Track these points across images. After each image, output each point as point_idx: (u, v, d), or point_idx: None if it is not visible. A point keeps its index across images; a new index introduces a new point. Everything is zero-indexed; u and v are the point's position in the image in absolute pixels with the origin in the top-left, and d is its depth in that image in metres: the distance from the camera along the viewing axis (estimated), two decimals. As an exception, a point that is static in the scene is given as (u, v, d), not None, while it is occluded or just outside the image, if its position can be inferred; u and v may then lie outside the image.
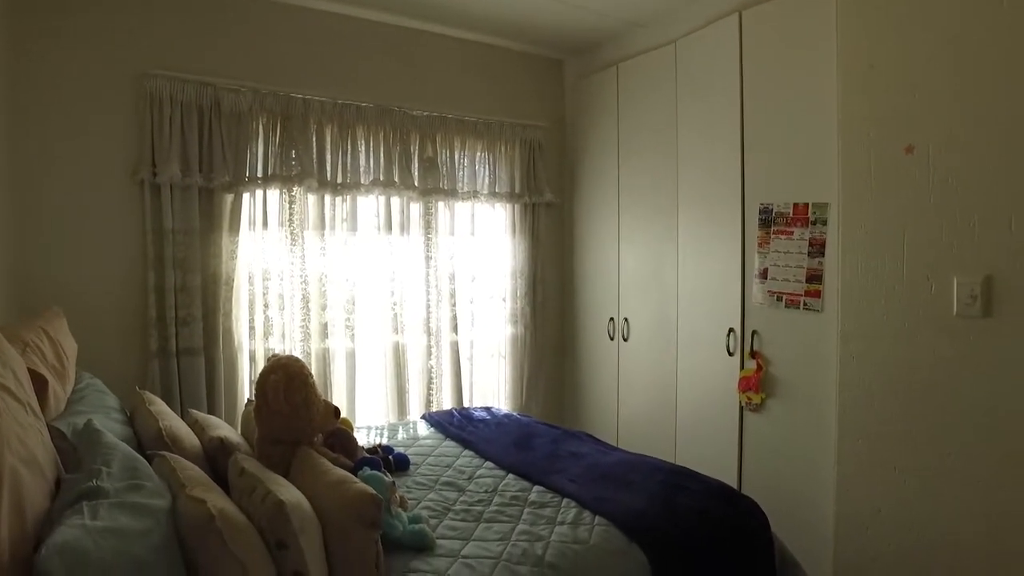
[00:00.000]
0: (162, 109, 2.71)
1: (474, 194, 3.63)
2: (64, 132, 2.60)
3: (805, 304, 2.50)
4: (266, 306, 2.99)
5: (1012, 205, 1.81)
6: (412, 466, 2.29)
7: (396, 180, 3.31)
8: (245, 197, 2.92)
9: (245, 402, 2.50)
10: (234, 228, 2.89)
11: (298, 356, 2.10)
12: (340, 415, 1.99)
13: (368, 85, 3.28)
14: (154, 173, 2.70)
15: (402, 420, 3.25)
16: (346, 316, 3.20)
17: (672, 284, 3.16)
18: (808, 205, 2.49)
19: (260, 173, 2.97)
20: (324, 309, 3.13)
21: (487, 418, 2.84)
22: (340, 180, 3.16)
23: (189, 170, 2.76)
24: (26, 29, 2.52)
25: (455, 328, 3.57)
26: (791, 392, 2.57)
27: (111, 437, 1.39)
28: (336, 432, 2.05)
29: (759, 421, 2.70)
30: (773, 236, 2.62)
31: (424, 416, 2.99)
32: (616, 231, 3.55)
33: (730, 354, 2.81)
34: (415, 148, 3.42)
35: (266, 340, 2.98)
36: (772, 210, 2.62)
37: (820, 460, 2.41)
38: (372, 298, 3.33)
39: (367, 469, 1.76)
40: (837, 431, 2.27)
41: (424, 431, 2.77)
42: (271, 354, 2.62)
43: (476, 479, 2.17)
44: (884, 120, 2.11)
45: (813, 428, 2.46)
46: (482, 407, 3.08)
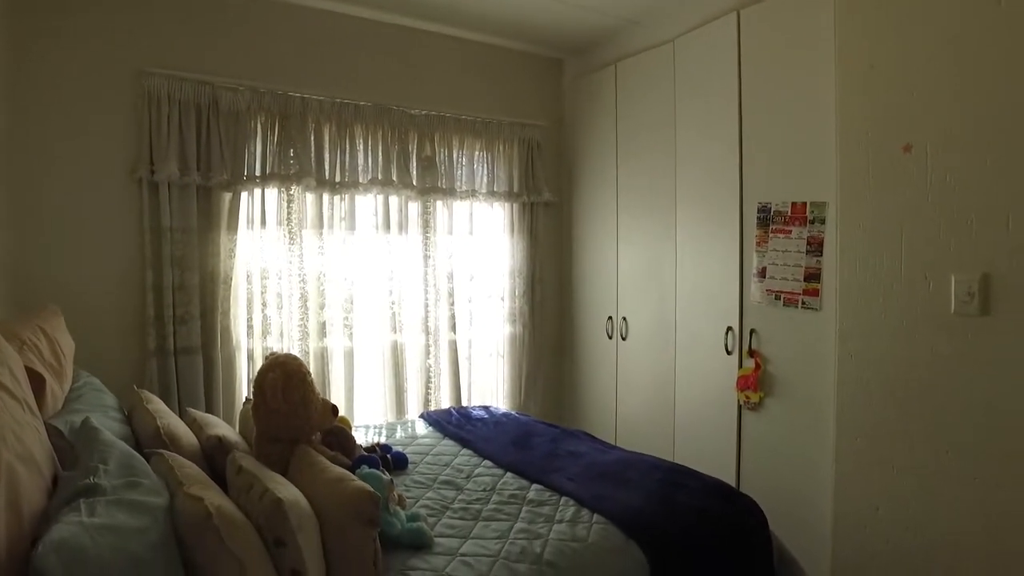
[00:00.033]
0: (160, 108, 2.71)
1: (472, 193, 3.63)
2: (62, 130, 2.60)
3: (803, 303, 2.50)
4: (264, 305, 2.98)
5: (1009, 204, 1.81)
6: (410, 465, 2.29)
7: (394, 179, 3.31)
8: (243, 196, 2.92)
9: (243, 401, 2.50)
10: (232, 227, 2.89)
11: (296, 355, 2.09)
12: (338, 413, 1.98)
13: (366, 84, 3.28)
14: (152, 171, 2.70)
15: (400, 419, 3.25)
16: (344, 315, 3.20)
17: (670, 283, 3.16)
18: (806, 204, 2.49)
19: (258, 172, 2.96)
20: (322, 308, 3.12)
21: (485, 417, 2.84)
22: (338, 179, 3.16)
23: (187, 169, 2.76)
24: (24, 28, 2.52)
25: (453, 327, 3.57)
26: (789, 391, 2.58)
27: (108, 435, 1.39)
28: (334, 430, 2.05)
29: (757, 420, 2.70)
30: (771, 235, 2.62)
31: (422, 415, 2.99)
32: (615, 230, 3.55)
33: (728, 353, 2.81)
34: (413, 147, 3.42)
35: (264, 339, 2.98)
36: (770, 209, 2.62)
37: (818, 458, 2.41)
38: (370, 297, 3.33)
39: (365, 467, 1.76)
40: (835, 429, 2.28)
41: (422, 430, 2.77)
42: (269, 353, 2.62)
43: (474, 478, 2.17)
44: (882, 119, 2.12)
45: (811, 426, 2.46)
46: (480, 406, 3.08)
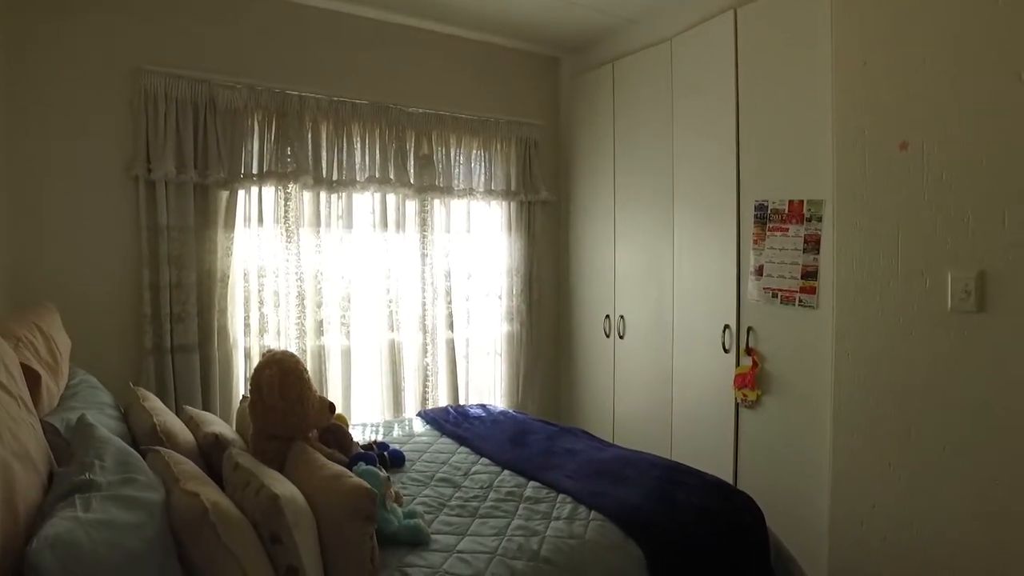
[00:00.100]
0: (157, 106, 2.70)
1: (470, 192, 3.63)
2: (58, 128, 2.59)
3: (800, 301, 2.50)
4: (261, 303, 2.98)
5: (1005, 201, 1.82)
6: (408, 462, 2.29)
7: (392, 177, 3.30)
8: (240, 194, 2.91)
9: (241, 399, 2.50)
10: (229, 225, 2.88)
11: (293, 352, 2.09)
12: (335, 411, 1.98)
13: (364, 82, 3.28)
14: (149, 169, 2.69)
15: (398, 417, 3.25)
16: (342, 313, 3.19)
17: (668, 281, 3.16)
18: (803, 202, 2.49)
19: (255, 170, 2.96)
20: (320, 306, 3.12)
21: (483, 415, 2.84)
22: (336, 177, 3.15)
23: (184, 166, 2.75)
24: (22, 25, 2.51)
25: (451, 325, 3.57)
26: (786, 388, 2.58)
27: (104, 431, 1.39)
28: (331, 427, 2.05)
29: (754, 417, 2.70)
30: (768, 233, 2.62)
31: (420, 413, 2.99)
32: (612, 228, 3.55)
33: (726, 351, 2.81)
34: (411, 145, 3.41)
35: (261, 337, 2.97)
36: (767, 207, 2.63)
37: (815, 456, 2.42)
38: (368, 295, 3.33)
39: (362, 464, 1.76)
40: (832, 427, 2.28)
41: (420, 428, 2.77)
42: (266, 350, 2.61)
43: (472, 475, 2.17)
44: (878, 117, 2.12)
45: (808, 424, 2.47)
46: (478, 404, 3.07)
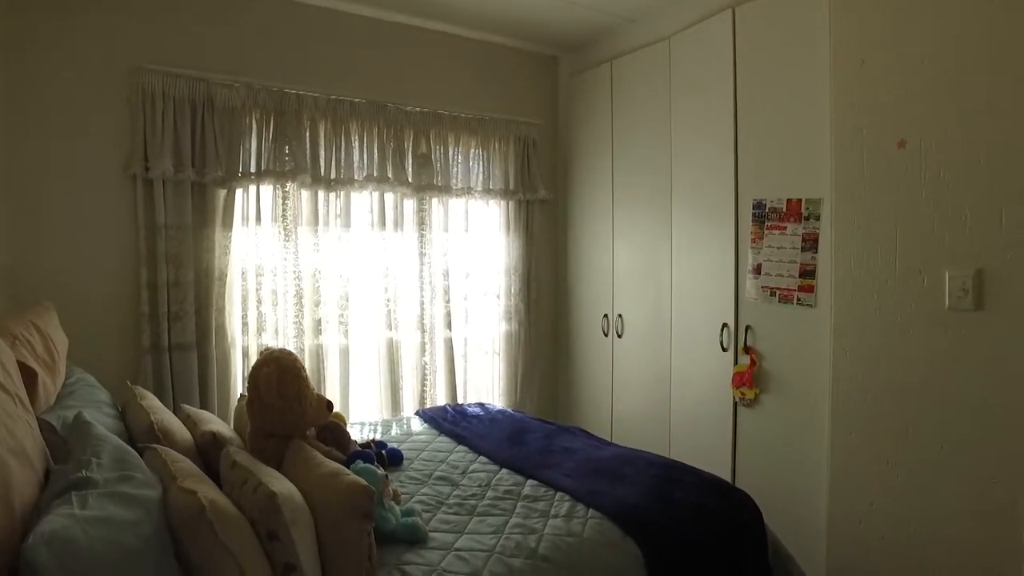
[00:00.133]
0: (155, 104, 2.70)
1: (468, 190, 3.63)
2: (56, 126, 2.59)
3: (798, 299, 2.50)
4: (259, 302, 2.98)
5: (1003, 199, 1.82)
6: (405, 461, 2.29)
7: (390, 176, 3.30)
8: (238, 192, 2.91)
9: (238, 397, 2.49)
10: (227, 223, 2.88)
11: (291, 350, 2.09)
12: (333, 409, 1.98)
13: (362, 81, 3.27)
14: (146, 168, 2.68)
15: (396, 416, 3.24)
16: (340, 312, 3.19)
17: (666, 280, 3.16)
18: (801, 201, 2.49)
19: (253, 168, 2.95)
20: (318, 305, 3.11)
21: (481, 414, 2.84)
22: (334, 176, 3.15)
23: (182, 165, 2.74)
24: (19, 24, 2.50)
25: (449, 325, 3.57)
26: (784, 387, 2.58)
27: (101, 429, 1.38)
28: (329, 425, 2.05)
29: (753, 416, 2.70)
30: (767, 231, 2.62)
31: (418, 412, 2.98)
32: (610, 227, 3.55)
33: (724, 349, 2.81)
34: (409, 144, 3.41)
35: (259, 336, 2.97)
36: (765, 206, 2.63)
37: (813, 454, 2.42)
38: (366, 294, 3.32)
39: (360, 462, 1.75)
40: (830, 425, 2.28)
41: (418, 427, 2.76)
42: (264, 349, 2.61)
43: (469, 474, 2.17)
44: (876, 115, 2.12)
45: (806, 422, 2.47)
46: (476, 403, 3.07)
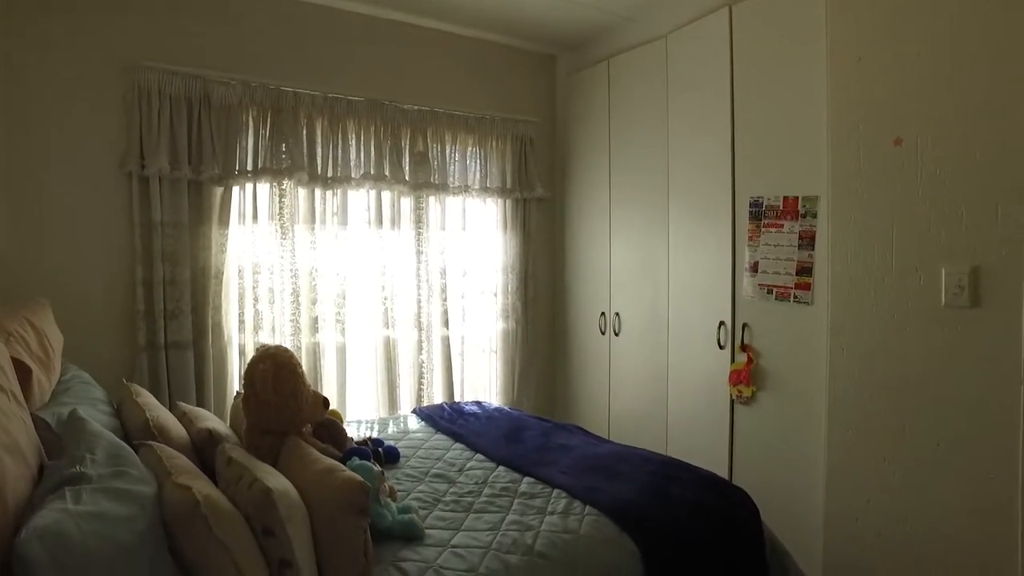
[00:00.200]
0: (151, 102, 2.69)
1: (465, 189, 3.62)
2: (52, 124, 2.58)
3: (795, 297, 2.51)
4: (256, 300, 2.97)
5: (999, 196, 1.82)
6: (402, 458, 2.28)
7: (387, 174, 3.29)
8: (235, 190, 2.90)
9: (235, 395, 2.48)
10: (223, 221, 2.87)
11: (287, 347, 2.09)
12: (329, 405, 1.97)
13: (359, 79, 3.27)
14: (142, 166, 2.68)
15: (392, 414, 3.24)
16: (336, 310, 3.19)
17: (663, 278, 3.16)
18: (798, 198, 2.50)
19: (250, 166, 2.95)
20: (314, 303, 3.11)
21: (478, 412, 2.84)
22: (330, 174, 3.14)
23: (178, 163, 2.74)
24: (16, 21, 2.49)
25: (446, 323, 3.56)
26: (781, 384, 2.58)
27: (96, 425, 1.38)
28: (325, 422, 2.04)
29: (750, 414, 2.70)
30: (763, 229, 2.62)
31: (415, 410, 2.98)
32: (607, 226, 3.55)
33: (721, 347, 2.81)
34: (406, 142, 3.40)
35: (256, 334, 2.97)
36: (762, 203, 2.63)
37: (810, 451, 2.42)
38: (362, 292, 3.32)
39: (356, 459, 1.75)
40: (827, 423, 2.28)
41: (414, 425, 2.76)
42: (260, 346, 2.60)
43: (466, 471, 2.17)
44: (873, 113, 2.12)
45: (803, 420, 2.47)
46: (473, 401, 3.07)
